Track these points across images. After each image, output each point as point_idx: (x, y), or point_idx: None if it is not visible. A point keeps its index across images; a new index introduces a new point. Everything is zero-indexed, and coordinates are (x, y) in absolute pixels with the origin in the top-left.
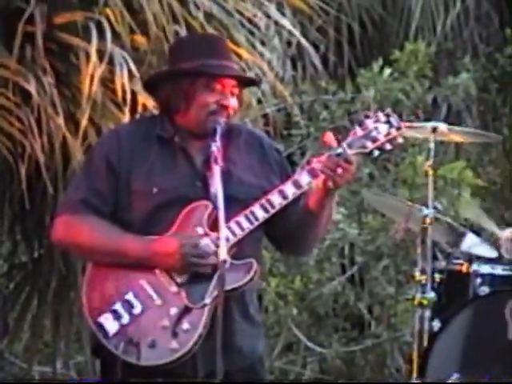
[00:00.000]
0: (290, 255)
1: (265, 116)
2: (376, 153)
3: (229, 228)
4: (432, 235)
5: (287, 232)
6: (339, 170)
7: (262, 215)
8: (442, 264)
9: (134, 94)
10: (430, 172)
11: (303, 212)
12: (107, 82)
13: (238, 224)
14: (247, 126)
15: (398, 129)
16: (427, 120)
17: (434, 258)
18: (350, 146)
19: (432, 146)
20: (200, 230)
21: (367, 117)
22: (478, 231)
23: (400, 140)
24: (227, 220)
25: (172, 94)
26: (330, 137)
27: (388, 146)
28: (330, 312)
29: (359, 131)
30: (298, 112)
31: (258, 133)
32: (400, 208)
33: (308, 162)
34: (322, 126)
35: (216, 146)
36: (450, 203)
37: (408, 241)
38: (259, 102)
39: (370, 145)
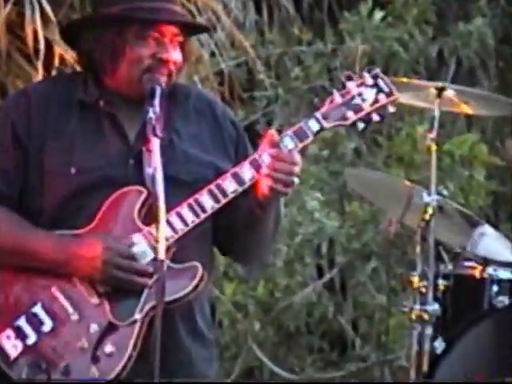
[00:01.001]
0: (232, 260)
1: (219, 73)
2: (361, 125)
3: (168, 222)
4: (435, 229)
5: (233, 231)
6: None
7: (210, 205)
8: (447, 267)
9: (49, 43)
10: (433, 147)
11: (245, 217)
12: (14, 28)
13: (180, 216)
14: (196, 87)
15: (389, 94)
16: (430, 80)
17: (438, 259)
18: (325, 116)
19: (436, 113)
20: (130, 225)
21: (349, 78)
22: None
23: (391, 109)
24: (167, 210)
25: (96, 46)
26: (270, 136)
27: (376, 117)
28: (302, 327)
29: (338, 97)
30: (262, 68)
31: (210, 96)
32: (394, 192)
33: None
34: (293, 86)
35: (154, 113)
36: (459, 187)
37: (404, 236)
38: (212, 54)
39: (351, 115)
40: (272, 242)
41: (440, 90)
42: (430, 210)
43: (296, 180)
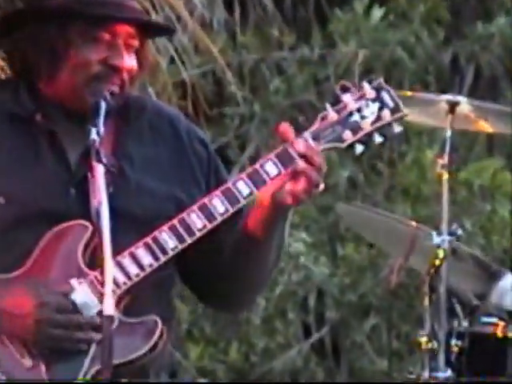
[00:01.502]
0: (217, 310)
1: (180, 85)
2: (359, 148)
3: (119, 265)
4: (447, 277)
5: (213, 273)
6: (298, 177)
7: (172, 245)
8: (462, 324)
9: None
10: (445, 175)
11: (239, 241)
12: None
13: (135, 259)
14: (154, 100)
15: (395, 111)
16: (442, 92)
17: (451, 313)
18: (315, 137)
19: (448, 134)
20: (72, 268)
21: (345, 89)
22: None
23: (398, 129)
24: (118, 252)
25: (32, 45)
26: (287, 129)
27: (378, 139)
28: None
29: (332, 113)
30: (233, 79)
31: (171, 111)
32: (398, 231)
33: (252, 163)
34: (272, 101)
35: (98, 134)
36: (479, 225)
37: (410, 286)
38: (171, 61)
39: (348, 136)
40: (270, 275)
41: (453, 105)
42: (440, 254)
43: (316, 191)
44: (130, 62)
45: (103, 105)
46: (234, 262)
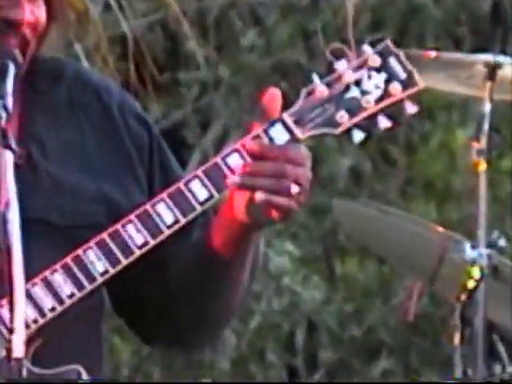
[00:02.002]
0: (169, 350)
1: (121, 40)
2: (358, 136)
3: (29, 296)
4: (486, 304)
5: (159, 301)
6: (279, 175)
7: (102, 269)
8: (508, 370)
9: None
10: (483, 165)
11: (196, 258)
12: None
13: (50, 287)
14: (76, 64)
15: (408, 83)
16: (478, 51)
17: (491, 354)
18: (298, 120)
19: (487, 108)
20: None
21: (339, 54)
22: None
23: (412, 109)
24: (29, 275)
25: None
26: (274, 98)
27: (384, 123)
28: None
29: (321, 87)
30: (191, 32)
31: (99, 78)
32: (418, 242)
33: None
34: (245, 62)
35: (5, 107)
36: None
37: (434, 316)
38: (108, 8)
39: (344, 119)
40: (242, 302)
41: (493, 69)
42: (476, 273)
43: (296, 189)
44: (33, 13)
45: (12, 68)
46: (188, 286)
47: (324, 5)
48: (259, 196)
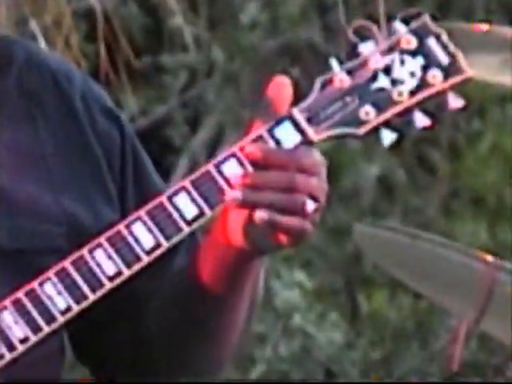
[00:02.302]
0: None
1: (88, 16)
2: (388, 137)
3: None
4: None
5: (132, 347)
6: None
7: (63, 306)
8: None
9: None
10: None
11: (180, 297)
12: None
13: (0, 331)
14: (28, 46)
15: (452, 70)
16: None
17: None
18: (312, 117)
19: None
20: None
21: (363, 34)
22: None
23: (456, 102)
24: None
25: None
26: (281, 88)
27: (422, 121)
28: None
29: (341, 76)
30: (178, 6)
31: (58, 63)
32: (464, 273)
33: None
34: (245, 42)
35: None
36: None
37: (487, 367)
38: None
39: (370, 116)
40: (238, 346)
41: None
42: None
43: (311, 205)
44: None
45: None
46: (168, 328)
47: None
48: (261, 215)
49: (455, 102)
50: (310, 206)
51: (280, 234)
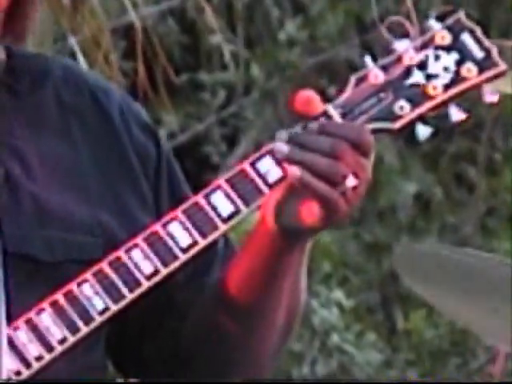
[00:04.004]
0: None
1: (127, 32)
2: (424, 131)
3: (11, 343)
4: None
5: (171, 361)
6: (329, 171)
7: (100, 307)
8: None
9: None
10: None
11: (217, 302)
12: None
13: (35, 329)
14: (65, 61)
15: (486, 65)
16: None
17: None
18: (346, 112)
19: None
20: None
21: (398, 31)
22: None
23: (491, 97)
24: (9, 319)
25: None
26: (309, 98)
27: (457, 115)
28: None
29: (376, 72)
30: (217, 23)
31: (96, 79)
32: (503, 291)
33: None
34: (284, 60)
35: None
36: None
37: None
38: None
39: (405, 110)
40: (275, 362)
41: None
42: None
43: (352, 181)
44: None
45: None
46: (204, 339)
47: None
48: (294, 170)
49: (490, 96)
50: (351, 181)
51: (306, 208)
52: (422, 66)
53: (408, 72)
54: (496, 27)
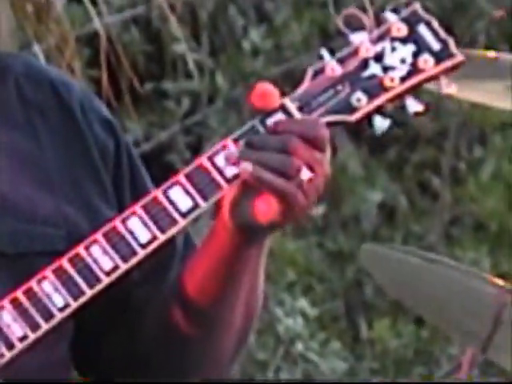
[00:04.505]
0: None
1: (92, 40)
2: (381, 124)
3: None
4: None
5: (129, 358)
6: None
7: (62, 302)
8: None
9: None
10: None
11: (174, 301)
12: None
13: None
14: (26, 57)
15: (443, 55)
16: None
17: None
18: (304, 105)
19: None
20: None
21: (354, 24)
22: None
23: (448, 88)
24: None
25: None
26: (266, 92)
27: (414, 106)
28: None
29: (333, 65)
30: (181, 31)
31: (57, 74)
32: (469, 297)
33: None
34: (248, 68)
35: None
36: None
37: None
38: None
39: (362, 102)
40: (232, 365)
41: None
42: None
43: (306, 174)
44: None
45: None
46: (161, 338)
47: None
48: (245, 166)
49: (447, 87)
50: (305, 174)
51: (264, 209)
52: (379, 57)
53: (365, 64)
54: (460, 36)
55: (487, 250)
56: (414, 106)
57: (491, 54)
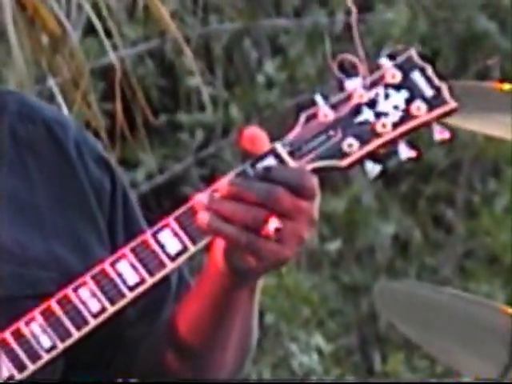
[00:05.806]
0: None
1: (106, 73)
2: (373, 169)
3: None
4: None
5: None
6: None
7: (49, 343)
8: None
9: None
10: None
11: (165, 342)
12: None
13: None
14: (21, 96)
15: (436, 102)
16: None
17: None
18: (295, 150)
19: None
20: None
21: (348, 70)
22: None
23: (440, 135)
24: None
25: None
26: (254, 136)
27: (406, 152)
28: None
29: (325, 110)
30: (196, 64)
31: (52, 112)
32: (485, 330)
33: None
34: (262, 101)
35: None
36: None
37: None
38: (91, 33)
39: (354, 148)
40: None
41: None
42: None
43: (274, 223)
44: None
45: None
46: (153, 377)
47: (362, 30)
48: (202, 217)
49: (441, 133)
50: (273, 223)
51: (250, 259)
52: (372, 103)
53: (357, 110)
54: (474, 70)
55: (501, 282)
56: (406, 152)
57: (505, 86)
